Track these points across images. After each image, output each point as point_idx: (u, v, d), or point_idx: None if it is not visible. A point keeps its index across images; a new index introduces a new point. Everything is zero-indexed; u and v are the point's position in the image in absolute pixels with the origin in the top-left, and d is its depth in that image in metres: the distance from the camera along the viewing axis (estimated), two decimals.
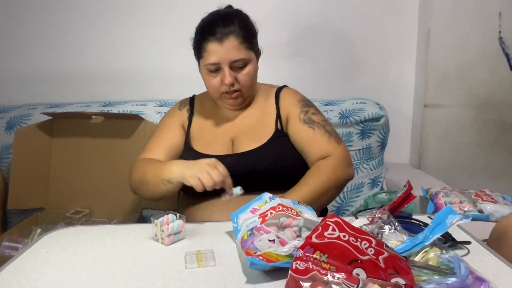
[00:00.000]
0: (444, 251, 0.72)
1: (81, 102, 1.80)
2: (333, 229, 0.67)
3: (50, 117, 1.64)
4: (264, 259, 0.72)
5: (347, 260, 0.64)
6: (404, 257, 0.66)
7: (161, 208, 1.55)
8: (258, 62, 1.26)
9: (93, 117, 1.60)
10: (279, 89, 1.32)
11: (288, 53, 1.96)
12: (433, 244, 0.74)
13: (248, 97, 1.27)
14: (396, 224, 0.81)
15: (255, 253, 0.74)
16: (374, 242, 0.66)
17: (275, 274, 0.74)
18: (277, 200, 0.89)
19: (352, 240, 0.66)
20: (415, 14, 1.97)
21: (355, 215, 0.90)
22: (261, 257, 0.72)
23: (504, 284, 0.71)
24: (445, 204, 1.39)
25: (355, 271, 0.63)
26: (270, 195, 0.92)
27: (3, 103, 1.82)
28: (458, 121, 1.98)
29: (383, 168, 1.86)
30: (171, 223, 0.90)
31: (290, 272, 0.64)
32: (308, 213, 0.90)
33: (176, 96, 1.78)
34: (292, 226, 0.83)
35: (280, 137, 1.23)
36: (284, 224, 0.83)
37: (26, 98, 1.87)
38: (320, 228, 0.68)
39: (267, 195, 0.92)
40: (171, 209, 1.09)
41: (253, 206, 0.89)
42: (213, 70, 1.18)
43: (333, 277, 0.62)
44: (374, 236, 0.67)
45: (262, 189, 0.98)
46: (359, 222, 0.82)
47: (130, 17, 1.90)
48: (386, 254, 0.65)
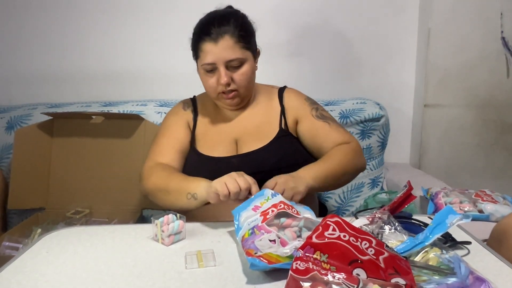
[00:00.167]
0: (444, 251, 0.72)
1: (81, 102, 1.80)
2: (334, 229, 0.67)
3: (51, 117, 1.64)
4: (265, 260, 0.72)
5: (347, 260, 0.64)
6: (404, 257, 0.66)
7: (162, 209, 1.55)
8: (258, 62, 1.26)
9: (94, 117, 1.60)
10: (282, 89, 1.33)
11: (288, 53, 1.96)
12: (433, 244, 0.74)
13: (246, 97, 1.26)
14: (396, 224, 0.81)
15: (256, 254, 0.74)
16: (374, 242, 0.66)
17: (275, 274, 0.74)
18: (279, 197, 0.89)
19: (353, 240, 0.66)
20: (415, 14, 1.97)
21: (355, 215, 0.90)
22: (262, 258, 0.72)
23: (505, 284, 0.71)
24: (445, 204, 1.39)
25: (355, 271, 0.63)
26: (272, 192, 0.91)
27: (4, 103, 1.82)
28: (458, 121, 1.98)
29: (383, 168, 1.86)
30: (171, 223, 0.90)
31: (290, 272, 0.64)
32: (307, 213, 0.90)
33: (176, 96, 1.79)
34: (293, 226, 0.83)
35: (285, 136, 1.24)
36: (285, 224, 0.83)
37: (27, 98, 1.87)
38: (321, 228, 0.68)
39: (269, 192, 0.91)
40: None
41: (255, 204, 0.89)
42: (210, 70, 1.17)
43: (333, 277, 0.62)
44: (374, 236, 0.67)
45: None
46: (359, 222, 0.83)
47: (130, 17, 1.90)
48: (386, 254, 0.65)
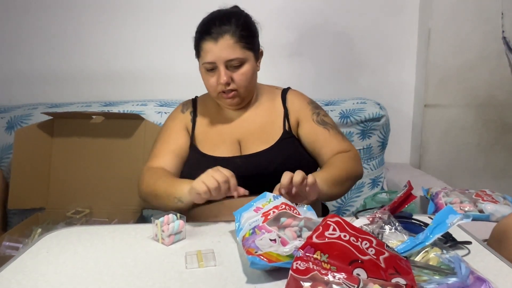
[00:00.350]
0: (445, 251, 0.72)
1: (82, 102, 1.80)
2: (334, 229, 0.67)
3: (51, 117, 1.64)
4: (265, 259, 0.72)
5: (348, 260, 0.64)
6: (405, 257, 0.66)
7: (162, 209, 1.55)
8: (260, 63, 1.26)
9: (94, 117, 1.60)
10: (285, 91, 1.32)
11: (289, 53, 1.96)
12: (434, 244, 0.74)
13: (246, 97, 1.25)
14: (397, 224, 0.81)
15: (256, 252, 0.74)
16: (375, 242, 0.66)
17: (276, 274, 0.73)
18: (281, 199, 0.89)
19: (353, 240, 0.66)
20: (416, 14, 1.97)
21: (356, 215, 0.90)
22: (262, 257, 0.72)
23: (505, 284, 0.71)
24: (446, 204, 1.39)
25: (356, 271, 0.63)
26: (274, 194, 0.91)
27: (4, 103, 1.82)
28: (459, 121, 1.98)
29: (384, 168, 1.86)
30: (172, 223, 0.90)
31: (291, 272, 0.64)
32: (308, 214, 0.90)
33: (176, 96, 1.79)
34: (293, 226, 0.83)
35: (288, 138, 1.23)
36: (285, 224, 0.83)
37: (27, 98, 1.87)
38: (321, 228, 0.68)
39: (270, 194, 0.91)
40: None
41: (257, 205, 0.89)
42: (210, 69, 1.17)
43: (334, 277, 0.62)
44: (375, 236, 0.67)
45: (271, 191, 0.97)
46: (360, 222, 0.82)
47: (130, 17, 1.90)
48: (387, 254, 0.65)
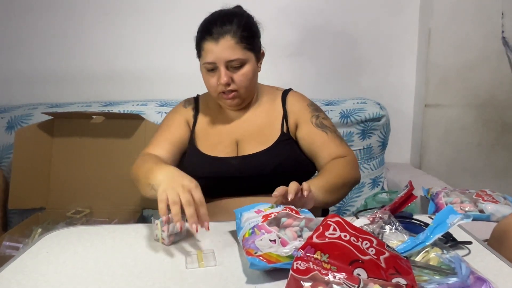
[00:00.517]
0: (445, 251, 0.72)
1: (82, 102, 1.80)
2: (334, 229, 0.67)
3: (51, 117, 1.64)
4: (265, 260, 0.72)
5: (348, 260, 0.64)
6: (405, 257, 0.66)
7: None
8: (261, 64, 1.25)
9: (94, 117, 1.60)
10: (285, 92, 1.31)
11: (290, 53, 1.96)
12: (434, 244, 0.73)
13: (247, 98, 1.25)
14: (397, 224, 0.81)
15: (256, 253, 0.74)
16: (375, 242, 0.65)
17: (276, 274, 0.73)
18: (282, 207, 0.88)
19: (353, 240, 0.65)
20: (416, 14, 1.97)
21: (356, 215, 0.90)
22: (262, 258, 0.72)
23: (505, 284, 0.71)
24: (446, 204, 1.39)
25: (356, 271, 0.63)
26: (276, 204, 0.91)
27: (4, 103, 1.82)
28: (459, 121, 1.98)
29: (384, 168, 1.86)
30: (172, 223, 0.90)
31: (291, 272, 0.63)
32: (308, 215, 0.90)
33: (177, 96, 1.79)
34: (293, 226, 0.83)
35: (286, 140, 1.23)
36: (285, 224, 0.83)
37: (27, 98, 1.87)
38: (321, 228, 0.67)
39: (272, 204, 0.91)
40: None
41: (259, 208, 0.89)
42: (210, 69, 1.17)
43: (334, 277, 0.62)
44: (375, 236, 0.67)
45: (267, 192, 0.97)
46: (360, 222, 0.82)
47: (131, 17, 1.90)
48: (387, 254, 0.65)
